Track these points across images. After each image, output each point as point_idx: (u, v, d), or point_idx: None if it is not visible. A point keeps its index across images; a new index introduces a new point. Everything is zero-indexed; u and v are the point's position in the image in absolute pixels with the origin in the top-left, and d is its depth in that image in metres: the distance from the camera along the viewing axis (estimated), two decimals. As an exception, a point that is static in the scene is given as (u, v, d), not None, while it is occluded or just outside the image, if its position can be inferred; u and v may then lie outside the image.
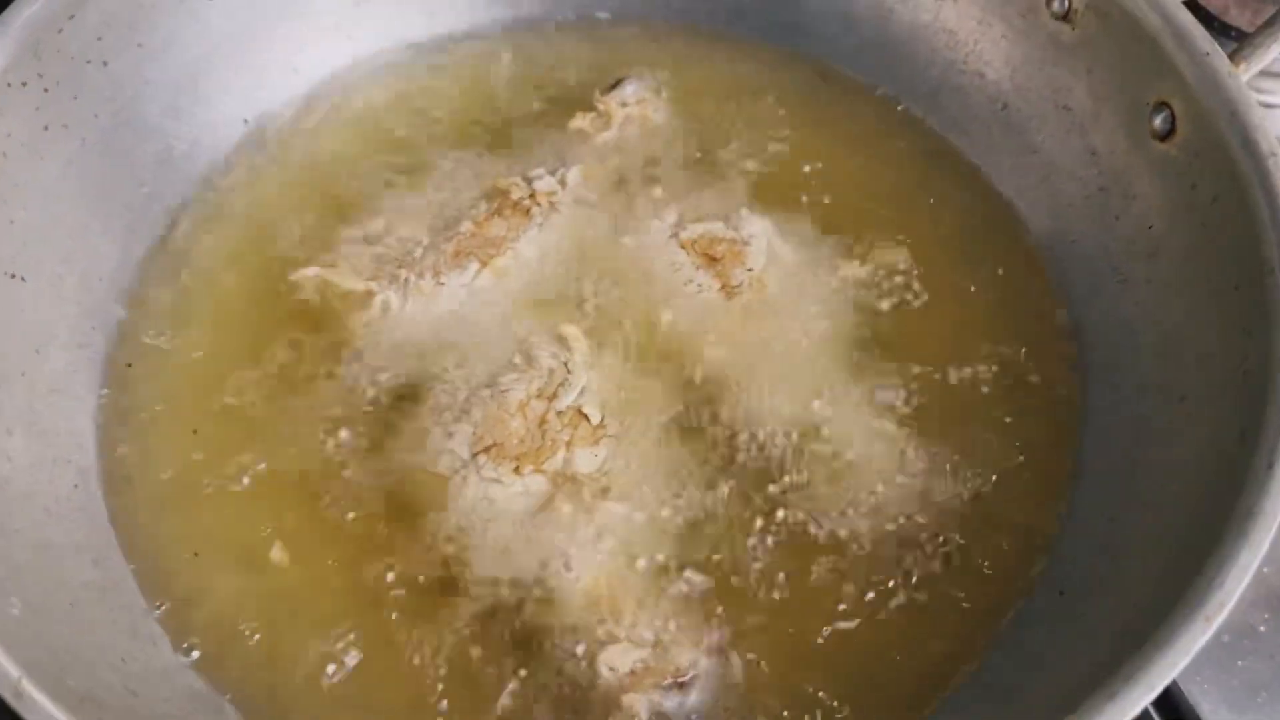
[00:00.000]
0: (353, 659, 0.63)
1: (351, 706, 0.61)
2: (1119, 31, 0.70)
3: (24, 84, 0.69)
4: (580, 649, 0.61)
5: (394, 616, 0.64)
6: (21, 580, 0.57)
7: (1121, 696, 0.47)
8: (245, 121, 0.82)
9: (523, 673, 0.62)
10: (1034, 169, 0.78)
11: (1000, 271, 0.75)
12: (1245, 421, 0.56)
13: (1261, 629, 0.72)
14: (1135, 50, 0.70)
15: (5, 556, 0.57)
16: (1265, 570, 0.71)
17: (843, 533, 0.66)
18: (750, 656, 0.62)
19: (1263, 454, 0.53)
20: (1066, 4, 0.74)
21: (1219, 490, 0.55)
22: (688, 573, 0.64)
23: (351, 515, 0.67)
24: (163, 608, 0.64)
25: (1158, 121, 0.69)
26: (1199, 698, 0.69)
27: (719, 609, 0.63)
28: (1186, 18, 0.67)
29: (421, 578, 0.65)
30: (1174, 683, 0.67)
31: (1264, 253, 0.59)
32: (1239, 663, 0.71)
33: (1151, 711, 0.69)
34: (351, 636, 0.63)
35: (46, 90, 0.70)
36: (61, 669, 0.52)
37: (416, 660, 0.62)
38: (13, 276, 0.67)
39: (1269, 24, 0.67)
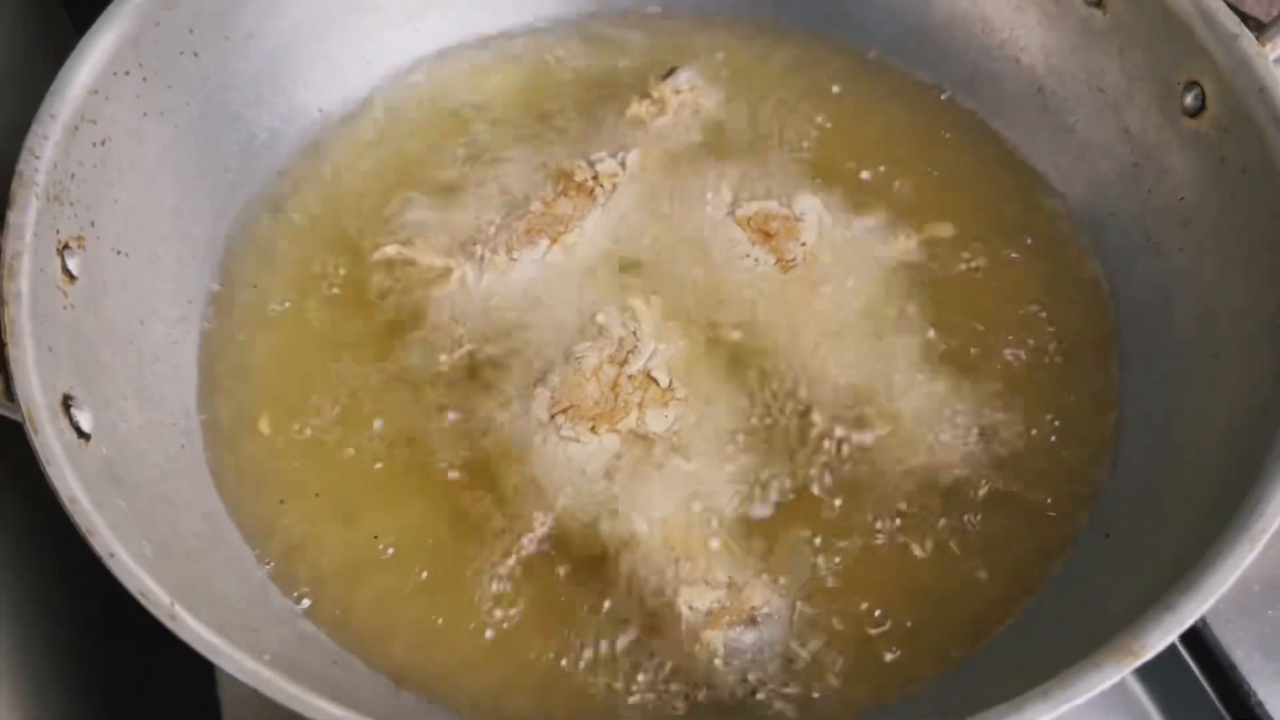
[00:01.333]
0: (445, 603, 0.67)
1: (451, 646, 0.66)
2: (1150, 15, 0.75)
3: (127, 73, 0.73)
4: (662, 587, 0.66)
5: (487, 562, 0.68)
6: (148, 527, 0.61)
7: (1178, 608, 0.51)
8: (320, 111, 0.86)
9: (608, 604, 0.66)
10: (1070, 148, 0.82)
11: (1041, 243, 0.80)
12: (1278, 365, 0.61)
13: (1293, 580, 0.76)
14: (1166, 33, 0.74)
15: (133, 505, 0.61)
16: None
17: (901, 485, 0.70)
18: (817, 597, 0.67)
19: (1298, 392, 0.58)
20: (1098, -10, 0.79)
21: (1256, 431, 0.59)
22: (756, 518, 0.69)
23: (442, 473, 0.71)
24: (269, 562, 0.68)
25: (1189, 99, 0.73)
26: (1232, 644, 0.73)
27: (787, 553, 0.68)
28: (1214, 1, 0.71)
29: (510, 527, 0.69)
30: (1209, 629, 0.72)
31: (1290, 214, 0.64)
32: (1270, 611, 0.75)
33: (1188, 658, 0.74)
34: (440, 587, 0.68)
35: (145, 79, 0.75)
36: (194, 604, 0.56)
37: (503, 594, 0.67)
38: (118, 252, 0.72)
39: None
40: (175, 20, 0.76)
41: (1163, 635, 0.51)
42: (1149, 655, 0.50)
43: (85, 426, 0.61)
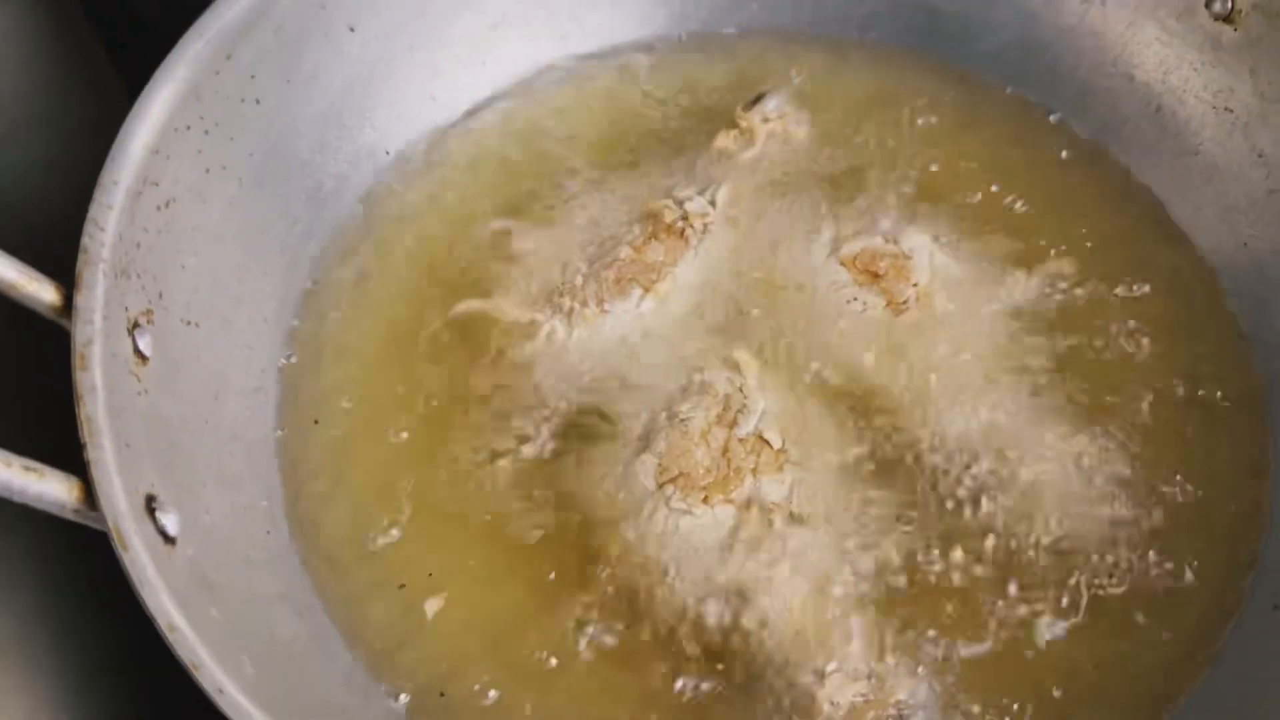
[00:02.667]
0: (552, 701, 0.62)
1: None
2: (1291, 30, 0.70)
3: (188, 127, 0.68)
4: (797, 681, 0.61)
5: (592, 657, 0.63)
6: (244, 637, 0.56)
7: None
8: (387, 153, 0.81)
9: (733, 701, 0.61)
10: (1194, 172, 0.77)
11: (1170, 280, 0.75)
12: None
13: None
14: (1312, 51, 0.69)
15: (226, 613, 0.56)
16: None
17: (1036, 557, 0.65)
18: (965, 676, 0.62)
19: None
20: (1229, 4, 0.73)
21: None
22: (891, 600, 0.64)
23: (537, 552, 0.66)
24: (365, 653, 0.63)
25: (1340, 126, 0.68)
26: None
27: (927, 635, 0.63)
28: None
29: (617, 617, 0.64)
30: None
31: None
32: None
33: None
34: (551, 675, 0.63)
35: (207, 132, 0.69)
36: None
37: (623, 703, 0.62)
38: (188, 323, 0.67)
39: None
40: (237, 66, 0.71)
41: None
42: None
43: (171, 530, 0.57)
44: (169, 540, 0.56)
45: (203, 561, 0.58)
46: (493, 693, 0.62)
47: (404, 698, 0.62)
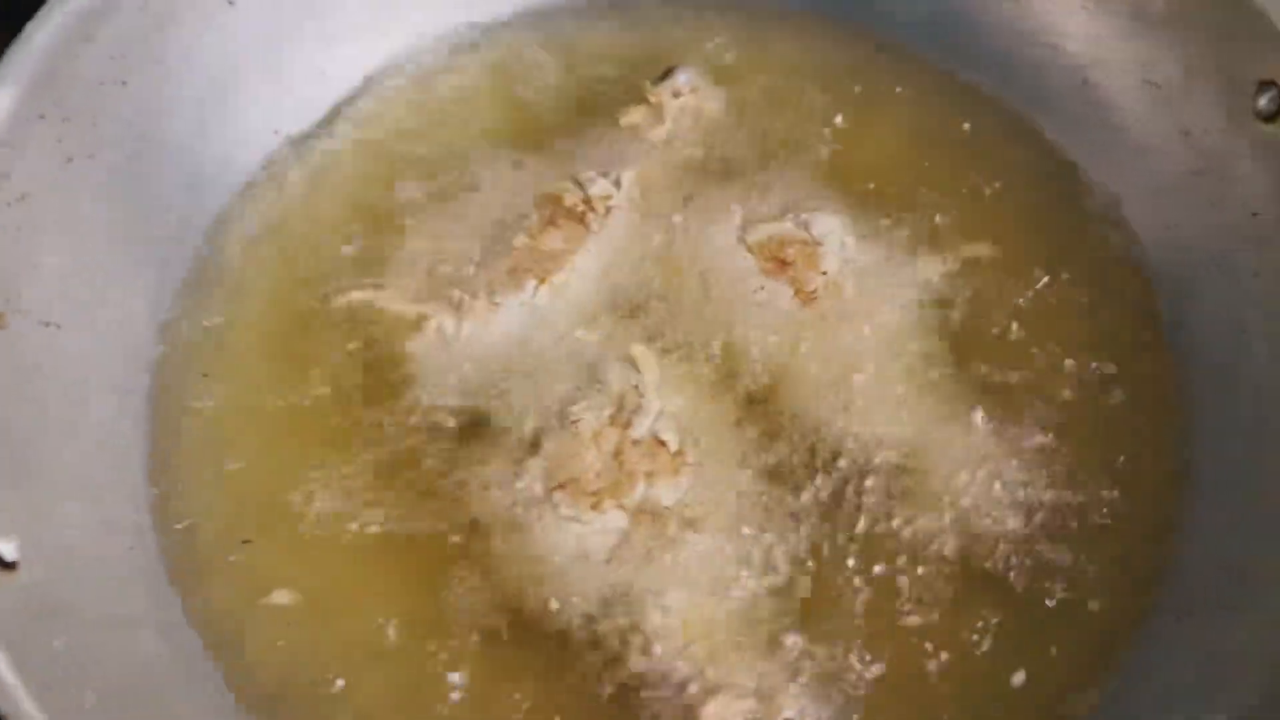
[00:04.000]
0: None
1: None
2: (1218, 3, 0.65)
3: (41, 116, 0.64)
4: (680, 699, 0.58)
5: (477, 663, 0.60)
6: (92, 667, 0.53)
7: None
8: (275, 133, 0.77)
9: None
10: (1120, 148, 0.73)
11: (1088, 260, 0.71)
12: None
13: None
14: (1236, 24, 0.65)
15: (75, 642, 0.53)
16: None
17: (940, 558, 0.62)
18: (857, 695, 0.59)
19: None
20: (1155, -30, 0.69)
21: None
22: (784, 610, 0.61)
23: (420, 558, 0.63)
24: (234, 669, 0.61)
25: (1263, 102, 0.64)
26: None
27: (820, 647, 0.60)
28: (1297, -13, 0.62)
29: (499, 624, 0.61)
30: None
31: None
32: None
33: None
34: (442, 682, 0.60)
35: (66, 119, 0.65)
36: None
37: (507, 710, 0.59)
38: (47, 325, 0.63)
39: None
40: (97, 50, 0.67)
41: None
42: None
43: (8, 555, 0.53)
44: (6, 566, 0.53)
45: (52, 585, 0.55)
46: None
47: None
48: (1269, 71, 0.63)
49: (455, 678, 0.60)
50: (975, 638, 0.60)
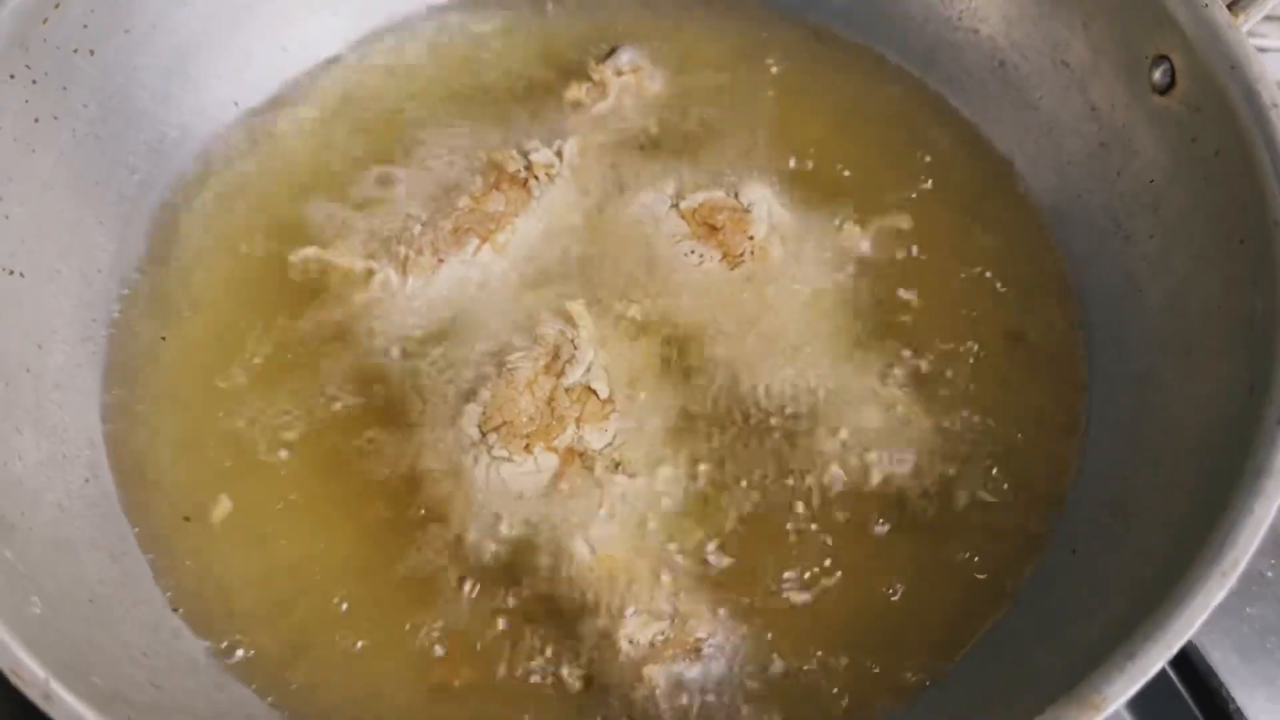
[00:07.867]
0: (365, 639, 0.63)
1: (368, 682, 0.62)
2: (1118, -16, 0.70)
3: (11, 76, 0.68)
4: (601, 622, 0.62)
5: (413, 595, 0.64)
6: (40, 578, 0.57)
7: (1141, 656, 0.47)
8: (235, 104, 0.81)
9: (548, 651, 0.62)
10: (1034, 126, 0.77)
11: (1002, 230, 0.75)
12: (1254, 375, 0.56)
13: (1269, 574, 0.72)
14: (1133, 2, 0.69)
15: (23, 555, 0.57)
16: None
17: (852, 498, 0.66)
18: (763, 622, 0.63)
19: (1273, 408, 0.54)
20: (1061, -44, 0.73)
21: (1229, 444, 0.55)
22: (701, 544, 0.65)
23: (366, 496, 0.67)
24: (180, 608, 0.64)
25: (1157, 75, 0.68)
26: (1209, 646, 0.70)
27: (734, 578, 0.64)
28: (1184, -32, 0.66)
29: (437, 556, 0.65)
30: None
31: (1268, 206, 0.59)
32: (1248, 609, 0.71)
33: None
34: (368, 616, 0.64)
35: (35, 82, 0.69)
36: (87, 666, 0.52)
37: (436, 636, 0.63)
38: (10, 272, 0.67)
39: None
40: (66, 16, 0.70)
41: (1127, 684, 0.47)
42: (1112, 707, 0.47)
43: (-39, 476, 0.57)
44: (-42, 485, 0.56)
45: (2, 506, 0.58)
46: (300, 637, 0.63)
47: (220, 642, 0.63)
48: (1161, 46, 0.67)
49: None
50: (888, 566, 0.64)
